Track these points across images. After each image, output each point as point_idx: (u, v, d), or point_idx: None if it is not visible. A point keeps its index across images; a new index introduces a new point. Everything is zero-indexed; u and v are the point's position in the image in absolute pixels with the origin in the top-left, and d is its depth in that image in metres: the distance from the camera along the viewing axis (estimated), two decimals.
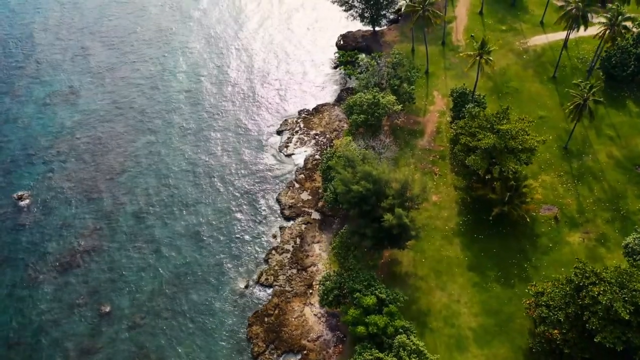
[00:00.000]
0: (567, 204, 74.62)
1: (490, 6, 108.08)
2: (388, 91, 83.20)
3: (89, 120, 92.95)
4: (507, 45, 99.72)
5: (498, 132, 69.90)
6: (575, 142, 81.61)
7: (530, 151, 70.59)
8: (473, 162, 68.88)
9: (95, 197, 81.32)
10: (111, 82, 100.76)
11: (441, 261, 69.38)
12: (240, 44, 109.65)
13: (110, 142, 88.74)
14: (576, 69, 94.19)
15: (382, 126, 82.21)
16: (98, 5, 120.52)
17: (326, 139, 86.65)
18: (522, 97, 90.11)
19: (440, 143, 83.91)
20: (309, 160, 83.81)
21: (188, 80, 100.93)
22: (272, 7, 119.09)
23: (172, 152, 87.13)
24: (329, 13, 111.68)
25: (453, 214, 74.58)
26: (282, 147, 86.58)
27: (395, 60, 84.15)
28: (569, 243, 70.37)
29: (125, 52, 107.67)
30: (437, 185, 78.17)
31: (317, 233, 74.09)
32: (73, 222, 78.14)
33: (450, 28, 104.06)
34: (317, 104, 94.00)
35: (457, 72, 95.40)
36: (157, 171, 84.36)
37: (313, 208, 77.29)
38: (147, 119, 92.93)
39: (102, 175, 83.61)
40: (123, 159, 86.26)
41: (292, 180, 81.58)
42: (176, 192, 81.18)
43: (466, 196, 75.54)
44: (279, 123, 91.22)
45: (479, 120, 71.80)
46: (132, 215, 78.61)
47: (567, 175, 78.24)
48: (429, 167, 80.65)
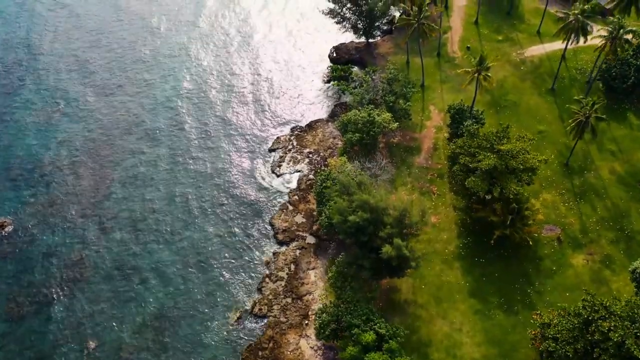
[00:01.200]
0: (569, 224, 72.25)
1: (485, 16, 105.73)
2: (383, 108, 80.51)
3: (74, 141, 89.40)
4: (503, 56, 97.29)
5: (498, 152, 67.43)
6: (576, 158, 79.30)
7: (531, 171, 68.20)
8: (473, 184, 66.33)
9: (79, 223, 77.94)
10: (97, 101, 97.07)
11: (441, 287, 66.75)
12: (230, 59, 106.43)
13: (95, 164, 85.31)
14: (575, 80, 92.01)
15: (377, 144, 79.48)
16: (88, 22, 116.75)
17: (320, 158, 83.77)
18: (520, 110, 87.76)
19: (438, 160, 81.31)
20: (302, 180, 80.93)
21: (176, 99, 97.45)
22: (261, 20, 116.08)
23: (159, 174, 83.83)
24: (320, 25, 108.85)
25: (453, 236, 71.98)
26: (274, 167, 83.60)
27: (390, 75, 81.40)
28: (573, 266, 68.00)
29: (112, 69, 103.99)
30: (436, 206, 75.55)
31: (312, 259, 71.22)
32: (57, 251, 74.75)
33: (445, 39, 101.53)
34: (310, 120, 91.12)
35: (453, 84, 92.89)
36: (143, 195, 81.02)
37: (307, 232, 74.41)
38: (133, 140, 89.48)
39: (87, 200, 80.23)
40: (109, 182, 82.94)
41: (286, 202, 78.65)
42: (163, 217, 77.94)
43: (466, 217, 72.93)
44: (271, 141, 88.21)
45: (478, 139, 69.26)
46: (118, 243, 75.32)
47: (569, 193, 75.88)
48: (426, 186, 78.02)
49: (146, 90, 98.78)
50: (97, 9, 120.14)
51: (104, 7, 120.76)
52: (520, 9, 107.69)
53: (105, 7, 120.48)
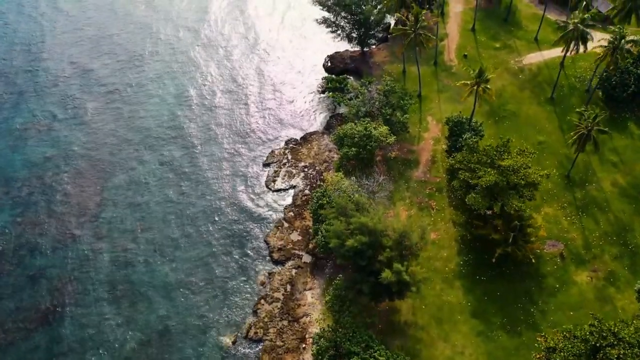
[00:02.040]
0: (572, 239, 70.53)
1: (482, 22, 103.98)
2: (380, 120, 78.54)
3: (63, 156, 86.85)
4: (501, 64, 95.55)
5: (499, 168, 65.64)
6: (577, 170, 77.61)
7: (533, 186, 66.43)
8: (474, 201, 64.53)
9: (69, 242, 75.51)
10: (87, 112, 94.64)
11: (442, 308, 64.83)
12: (223, 71, 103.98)
13: (86, 180, 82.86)
14: (574, 88, 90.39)
15: (374, 158, 77.51)
16: (84, 30, 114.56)
17: (316, 172, 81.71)
18: (519, 120, 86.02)
19: (437, 174, 79.42)
20: (298, 195, 78.83)
21: (169, 111, 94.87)
22: (253, 30, 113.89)
23: (151, 190, 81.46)
24: (314, 34, 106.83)
25: (453, 254, 70.10)
26: (269, 182, 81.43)
27: (387, 87, 79.42)
28: (577, 283, 66.26)
29: (104, 79, 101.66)
30: (435, 222, 73.62)
31: (309, 279, 69.15)
32: (45, 272, 72.27)
33: (442, 46, 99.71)
34: (305, 132, 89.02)
35: (450, 94, 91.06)
36: (135, 212, 78.69)
37: (304, 250, 72.31)
38: (125, 154, 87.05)
39: (77, 218, 77.77)
40: (99, 199, 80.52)
41: (281, 218, 76.51)
42: (155, 236, 75.59)
43: (466, 233, 71.11)
44: (266, 155, 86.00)
45: (478, 154, 67.42)
46: (108, 263, 72.94)
47: (571, 206, 74.17)
48: (425, 201, 76.11)
49: (137, 105, 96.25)
50: (93, 15, 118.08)
51: (99, 13, 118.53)
52: (517, 14, 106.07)
53: (97, 13, 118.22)
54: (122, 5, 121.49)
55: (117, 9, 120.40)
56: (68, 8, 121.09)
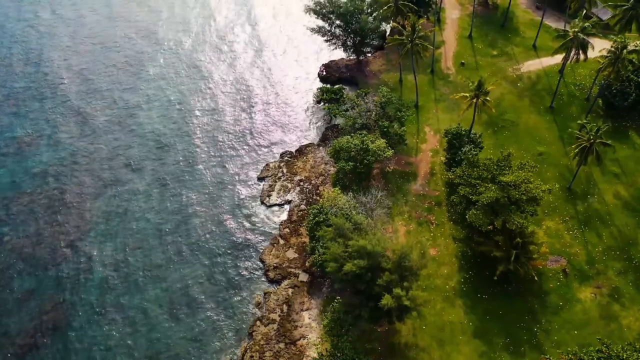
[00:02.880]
0: (575, 254, 68.90)
1: (479, 29, 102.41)
2: (377, 133, 76.65)
3: (52, 172, 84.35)
4: (499, 72, 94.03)
5: (499, 183, 63.89)
6: (579, 181, 76.03)
7: (534, 201, 64.73)
8: (474, 218, 62.79)
9: (57, 264, 73.08)
10: (72, 128, 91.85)
11: (443, 328, 63.00)
12: (215, 81, 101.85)
13: (72, 198, 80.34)
14: (574, 96, 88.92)
15: (371, 171, 75.60)
16: (69, 41, 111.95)
17: (312, 186, 79.69)
18: (519, 130, 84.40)
19: (435, 187, 77.62)
20: (293, 211, 76.77)
21: (159, 123, 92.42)
22: (247, 39, 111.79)
23: (142, 207, 79.09)
24: (309, 42, 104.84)
25: (454, 271, 68.31)
26: (264, 197, 79.31)
27: (384, 99, 77.50)
28: (581, 300, 64.59)
29: (91, 90, 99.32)
30: (435, 237, 71.84)
31: (306, 299, 67.12)
32: (32, 296, 69.86)
33: (438, 54, 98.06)
34: (300, 144, 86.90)
35: (448, 104, 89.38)
36: (126, 229, 76.39)
37: (300, 268, 70.27)
38: (113, 170, 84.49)
39: (64, 239, 75.33)
40: (89, 217, 78.13)
41: (276, 235, 74.43)
42: (147, 254, 73.34)
43: (466, 249, 69.51)
44: (260, 168, 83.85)
45: (478, 170, 65.64)
46: (97, 285, 70.66)
47: (573, 220, 72.55)
48: (424, 215, 74.28)
49: (129, 118, 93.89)
50: (89, 23, 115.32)
51: (94, 19, 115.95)
52: (515, 21, 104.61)
53: (92, 19, 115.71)
54: (118, 13, 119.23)
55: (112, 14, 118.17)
56: (66, 15, 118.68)
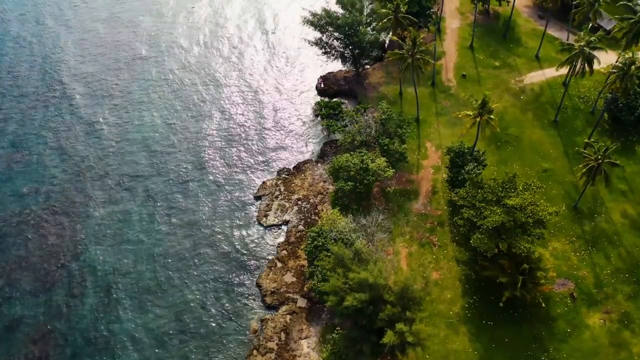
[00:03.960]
0: (582, 277, 66.61)
1: (480, 39, 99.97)
2: (377, 151, 74.20)
3: (38, 192, 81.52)
4: (502, 84, 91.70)
5: (505, 206, 61.51)
6: (585, 200, 73.72)
7: (541, 223, 62.41)
8: (479, 243, 60.41)
9: (47, 288, 70.46)
10: (63, 145, 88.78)
11: (447, 357, 60.58)
12: (209, 95, 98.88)
13: (62, 219, 77.63)
14: (578, 109, 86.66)
15: (371, 191, 73.15)
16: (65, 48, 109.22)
17: (310, 205, 77.17)
18: (522, 146, 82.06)
19: (437, 206, 75.20)
20: (291, 232, 74.24)
21: (151, 140, 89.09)
22: (243, 51, 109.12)
23: (134, 228, 76.46)
24: (307, 54, 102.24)
25: (457, 295, 65.91)
26: (260, 217, 76.71)
27: (384, 116, 75.05)
28: (589, 327, 62.29)
29: (82, 106, 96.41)
30: (437, 259, 69.43)
31: (305, 326, 64.62)
32: (21, 322, 67.21)
33: (439, 65, 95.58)
34: (298, 161, 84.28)
35: (449, 117, 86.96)
36: (117, 252, 73.74)
37: (298, 293, 67.76)
38: (104, 189, 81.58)
39: (54, 262, 72.64)
40: (78, 239, 75.43)
41: (274, 257, 71.91)
42: (139, 278, 70.73)
43: (470, 272, 67.18)
44: (257, 186, 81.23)
45: (482, 192, 63.23)
46: (89, 311, 68.01)
47: (580, 240, 70.27)
48: (426, 236, 71.87)
49: (120, 133, 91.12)
50: (79, 37, 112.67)
51: (85, 32, 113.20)
52: (517, 30, 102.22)
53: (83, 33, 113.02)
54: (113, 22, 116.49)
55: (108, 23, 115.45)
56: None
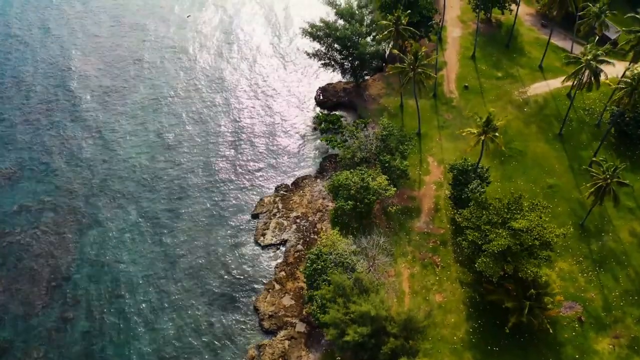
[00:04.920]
0: (590, 299, 64.62)
1: (482, 49, 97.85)
2: (378, 168, 72.11)
3: (28, 211, 79.06)
4: (505, 96, 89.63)
5: (510, 228, 59.47)
6: (592, 217, 71.70)
7: (548, 245, 60.40)
8: (485, 267, 58.41)
9: (38, 310, 68.19)
10: (55, 160, 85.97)
11: None
12: (204, 106, 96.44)
13: (52, 239, 75.21)
14: (583, 122, 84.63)
15: (372, 209, 71.04)
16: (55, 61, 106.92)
17: (309, 223, 75.04)
18: (526, 160, 80.00)
19: (440, 224, 73.12)
20: (290, 252, 72.11)
21: (148, 156, 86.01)
22: (239, 61, 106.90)
23: (128, 247, 74.20)
24: (305, 64, 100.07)
25: (461, 319, 63.84)
26: (258, 236, 74.52)
27: (385, 133, 72.94)
28: (598, 352, 60.33)
29: (75, 119, 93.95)
30: (440, 281, 67.37)
31: (304, 352, 62.49)
32: (11, 347, 64.96)
33: (440, 76, 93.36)
34: (296, 176, 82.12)
35: (451, 131, 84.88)
36: (110, 274, 71.46)
37: (297, 317, 65.65)
38: (96, 207, 78.88)
39: (46, 283, 70.40)
40: (70, 259, 73.19)
41: (271, 279, 69.77)
42: (132, 301, 68.52)
43: (475, 294, 65.16)
44: (254, 204, 79.03)
45: (487, 213, 61.18)
46: (81, 335, 65.80)
47: (587, 260, 68.26)
48: (429, 256, 69.79)
49: (113, 148, 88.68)
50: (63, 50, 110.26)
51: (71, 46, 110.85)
52: (520, 39, 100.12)
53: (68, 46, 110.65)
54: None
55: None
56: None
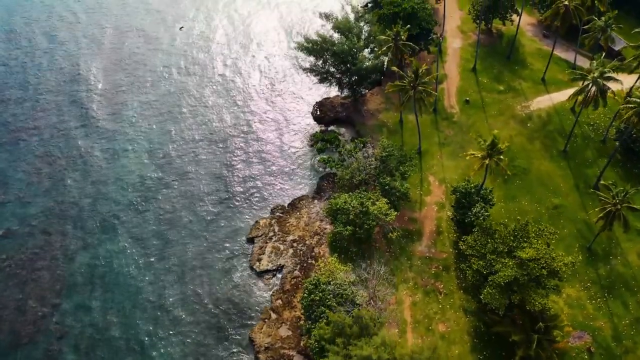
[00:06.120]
0: (599, 328, 62.09)
1: (483, 60, 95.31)
2: (377, 191, 69.42)
3: (15, 235, 76.18)
4: (507, 110, 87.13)
5: (516, 257, 56.92)
6: (599, 240, 69.18)
7: (555, 274, 57.86)
8: (490, 299, 55.87)
9: (23, 344, 65.22)
10: (43, 180, 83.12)
11: None
12: (197, 122, 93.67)
13: (41, 264, 72.37)
14: (588, 138, 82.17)
15: (372, 234, 68.36)
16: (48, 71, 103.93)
17: (306, 247, 72.30)
18: (531, 179, 77.47)
19: (442, 248, 70.51)
20: (287, 278, 69.37)
21: (139, 175, 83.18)
22: (231, 73, 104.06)
23: (118, 273, 71.36)
24: (301, 76, 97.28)
25: (466, 351, 61.23)
26: (253, 262, 71.74)
27: (385, 153, 70.26)
28: None
29: (61, 137, 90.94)
30: (443, 309, 64.72)
31: None
32: None
33: (441, 90, 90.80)
34: (292, 197, 79.29)
35: (453, 148, 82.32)
36: (101, 301, 68.61)
37: (295, 349, 62.93)
38: (86, 231, 76.11)
39: (31, 313, 67.48)
40: (58, 287, 70.26)
41: (268, 307, 67.01)
42: (123, 332, 65.63)
43: (479, 323, 62.58)
44: (249, 226, 76.19)
45: (493, 242, 58.59)
46: None
47: (595, 286, 65.74)
48: (431, 283, 67.16)
49: (103, 167, 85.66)
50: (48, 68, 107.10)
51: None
52: (521, 50, 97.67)
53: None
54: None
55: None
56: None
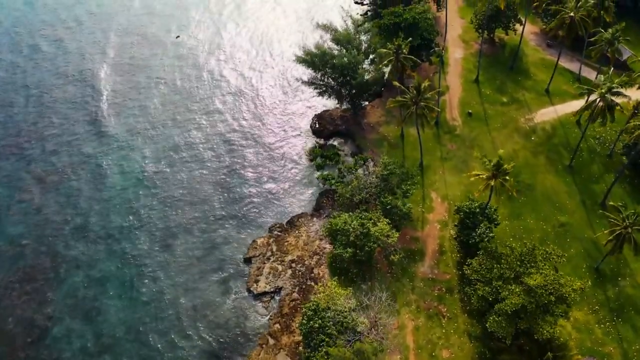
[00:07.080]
0: (609, 354, 59.98)
1: (486, 71, 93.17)
2: (379, 210, 67.19)
3: (4, 253, 73.74)
4: (510, 123, 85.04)
5: (524, 283, 54.78)
6: (607, 260, 66.97)
7: (564, 300, 55.72)
8: (496, 327, 53.77)
9: None
10: (33, 196, 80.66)
11: None
12: (191, 134, 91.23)
13: (29, 286, 69.65)
14: (594, 152, 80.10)
15: (373, 256, 66.11)
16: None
17: (305, 268, 70.01)
18: (536, 195, 75.36)
19: (446, 269, 68.31)
20: (285, 301, 67.06)
21: (132, 193, 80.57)
22: (227, 84, 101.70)
23: (110, 297, 68.82)
24: (300, 88, 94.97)
25: None
26: (250, 283, 69.41)
27: (386, 172, 68.02)
28: None
29: (52, 149, 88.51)
30: (447, 334, 62.52)
31: None
32: None
33: (443, 102, 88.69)
34: (291, 214, 76.93)
35: (455, 163, 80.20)
36: (91, 327, 66.15)
37: None
38: (79, 248, 73.72)
39: (20, 340, 64.84)
40: (47, 312, 67.76)
41: (265, 333, 64.70)
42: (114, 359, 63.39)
43: (485, 349, 60.37)
44: (247, 246, 73.82)
45: (499, 267, 56.42)
46: None
47: (604, 309, 63.61)
48: (434, 306, 64.96)
49: (97, 182, 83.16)
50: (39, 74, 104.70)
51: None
52: (524, 60, 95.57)
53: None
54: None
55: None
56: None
